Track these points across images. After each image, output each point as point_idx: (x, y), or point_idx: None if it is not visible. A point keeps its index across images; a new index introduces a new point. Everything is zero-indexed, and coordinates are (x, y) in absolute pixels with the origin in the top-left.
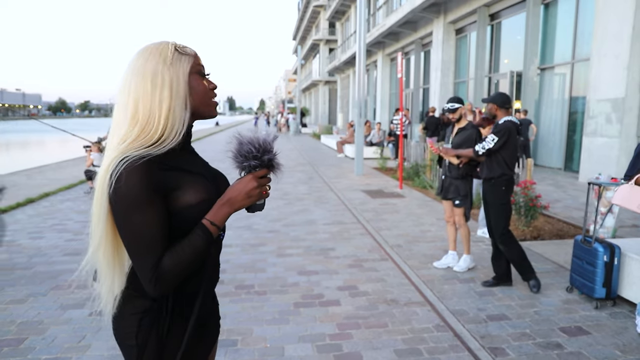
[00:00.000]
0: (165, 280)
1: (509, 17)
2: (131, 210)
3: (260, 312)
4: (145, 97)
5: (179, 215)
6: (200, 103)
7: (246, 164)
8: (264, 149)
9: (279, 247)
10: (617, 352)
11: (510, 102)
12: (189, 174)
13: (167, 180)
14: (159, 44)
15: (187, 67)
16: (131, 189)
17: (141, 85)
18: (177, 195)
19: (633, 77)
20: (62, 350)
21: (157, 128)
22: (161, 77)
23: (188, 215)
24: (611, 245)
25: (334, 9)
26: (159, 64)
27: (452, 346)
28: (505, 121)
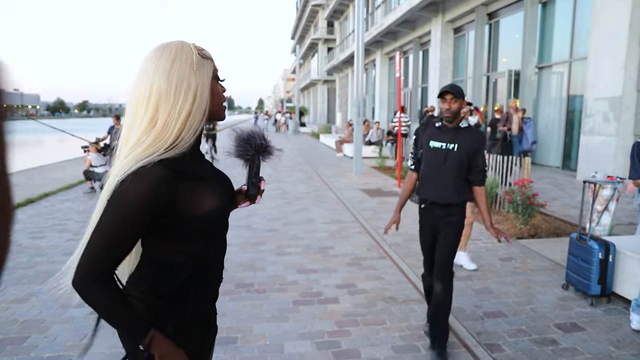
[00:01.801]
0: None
1: (506, 16)
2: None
3: (259, 310)
4: (168, 101)
5: (196, 221)
6: (217, 109)
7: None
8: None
9: (278, 245)
10: (612, 348)
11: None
12: (203, 180)
13: (183, 190)
14: (181, 45)
15: (210, 72)
16: (134, 194)
17: (165, 87)
18: (193, 202)
19: (630, 76)
20: (64, 349)
21: (173, 132)
22: (187, 82)
23: (204, 222)
24: (606, 243)
25: (333, 8)
26: (186, 68)
27: (449, 343)
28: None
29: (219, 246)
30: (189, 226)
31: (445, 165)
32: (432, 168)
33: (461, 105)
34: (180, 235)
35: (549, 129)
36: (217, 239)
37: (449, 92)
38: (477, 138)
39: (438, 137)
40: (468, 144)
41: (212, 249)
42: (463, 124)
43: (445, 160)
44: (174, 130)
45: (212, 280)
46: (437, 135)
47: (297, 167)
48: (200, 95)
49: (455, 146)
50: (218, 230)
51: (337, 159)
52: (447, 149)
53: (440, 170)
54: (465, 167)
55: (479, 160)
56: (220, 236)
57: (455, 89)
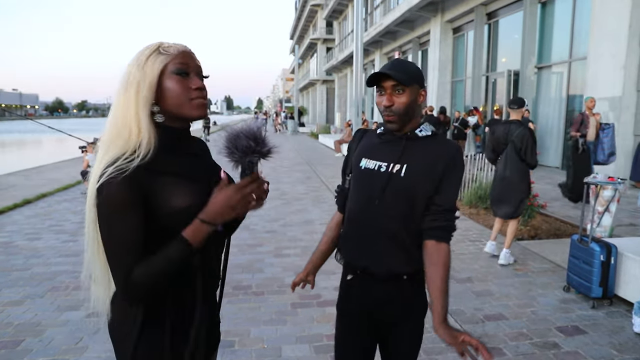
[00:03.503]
0: (136, 289)
1: (506, 16)
2: (110, 217)
3: (257, 312)
4: (118, 101)
5: (168, 218)
6: (177, 104)
7: (247, 159)
8: (261, 140)
9: (276, 247)
10: (614, 352)
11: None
12: (176, 177)
13: (151, 185)
14: (147, 45)
15: (159, 67)
16: (111, 198)
17: (117, 88)
18: (164, 199)
19: (630, 76)
20: (59, 352)
21: (131, 132)
22: (130, 78)
23: (178, 219)
24: (608, 245)
25: (332, 8)
26: (132, 65)
27: (449, 346)
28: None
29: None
30: (158, 224)
31: (381, 201)
32: (361, 206)
33: (416, 97)
34: (150, 234)
35: (549, 129)
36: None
37: (387, 75)
38: (446, 154)
39: (375, 152)
40: (427, 164)
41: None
42: (423, 130)
43: (382, 193)
44: (132, 130)
45: (194, 286)
46: (374, 149)
47: (296, 167)
48: (142, 90)
49: (401, 168)
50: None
51: (336, 159)
52: (388, 173)
53: (372, 210)
54: (421, 205)
55: (446, 193)
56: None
57: (400, 68)
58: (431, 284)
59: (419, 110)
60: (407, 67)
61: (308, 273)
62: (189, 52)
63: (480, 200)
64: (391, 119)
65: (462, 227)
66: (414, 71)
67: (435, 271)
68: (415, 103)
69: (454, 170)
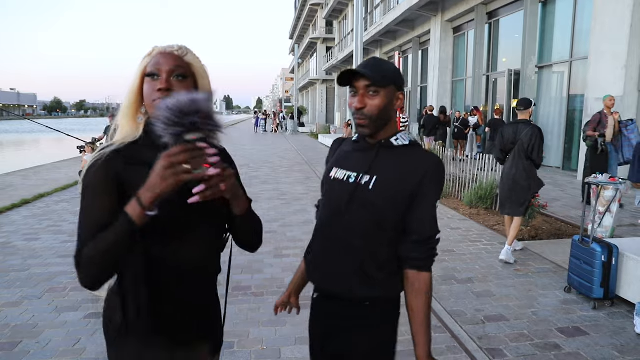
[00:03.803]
0: (84, 264)
1: (506, 15)
2: (83, 194)
3: (257, 313)
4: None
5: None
6: (147, 105)
7: (171, 132)
8: (187, 111)
9: (276, 247)
10: (616, 353)
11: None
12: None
13: (129, 174)
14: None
15: (141, 69)
16: (89, 176)
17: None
18: (135, 187)
19: (631, 76)
20: (56, 354)
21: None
22: (131, 80)
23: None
24: (609, 245)
25: (331, 8)
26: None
27: (449, 347)
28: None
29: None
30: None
31: (346, 216)
32: (326, 219)
33: (392, 100)
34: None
35: (549, 129)
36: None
37: (361, 74)
38: (424, 167)
39: (346, 161)
40: (400, 177)
41: (158, 249)
42: (399, 139)
43: (347, 206)
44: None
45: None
46: (346, 157)
47: (296, 167)
48: (131, 89)
49: (370, 179)
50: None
51: None
52: (356, 184)
53: (337, 224)
54: (390, 224)
55: (422, 215)
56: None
57: (376, 68)
58: (414, 315)
59: (394, 115)
60: (384, 67)
61: (290, 294)
62: (166, 53)
63: (480, 200)
64: (363, 123)
65: (463, 228)
66: (391, 71)
67: (418, 301)
68: (390, 107)
69: (432, 187)
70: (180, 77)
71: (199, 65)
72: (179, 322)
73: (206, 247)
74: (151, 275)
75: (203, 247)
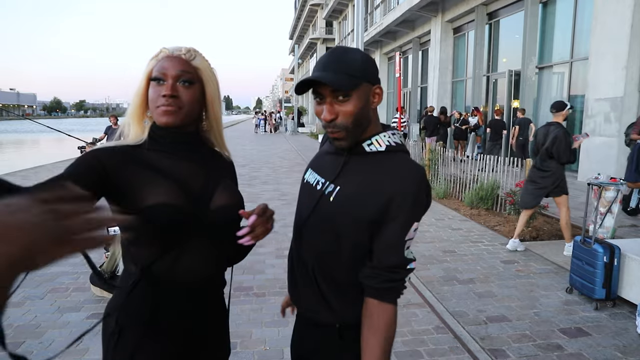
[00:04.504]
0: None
1: (507, 15)
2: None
3: (259, 314)
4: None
5: (144, 214)
6: (151, 111)
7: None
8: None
9: (277, 248)
10: (618, 354)
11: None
12: (156, 174)
13: (125, 172)
14: None
15: (147, 72)
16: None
17: None
18: (134, 189)
19: (632, 77)
20: (59, 355)
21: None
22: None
23: (150, 217)
24: (611, 246)
25: (331, 8)
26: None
27: (452, 348)
28: None
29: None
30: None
31: (307, 224)
32: (295, 228)
33: (368, 100)
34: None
35: None
36: (174, 248)
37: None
38: (400, 182)
39: (320, 162)
40: (367, 191)
41: (168, 260)
42: (374, 143)
43: (310, 215)
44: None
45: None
46: (321, 158)
47: (296, 167)
48: (137, 93)
49: (334, 189)
50: (169, 234)
51: None
52: (321, 192)
53: (299, 235)
54: (348, 245)
55: (385, 238)
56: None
57: (339, 66)
58: (364, 355)
59: (374, 115)
60: (348, 62)
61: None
62: (173, 56)
63: (481, 201)
64: (338, 136)
65: (464, 228)
66: (359, 65)
67: (373, 340)
68: (367, 108)
69: (405, 210)
70: (186, 83)
71: (207, 70)
72: (177, 335)
73: (206, 261)
74: (148, 288)
75: (202, 262)
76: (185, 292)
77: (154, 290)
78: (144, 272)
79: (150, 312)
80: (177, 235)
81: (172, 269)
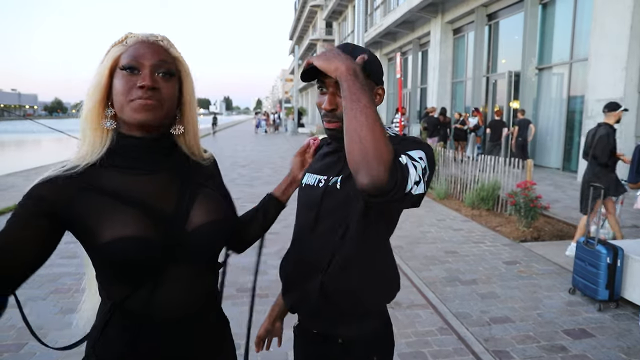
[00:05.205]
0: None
1: (506, 17)
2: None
3: (262, 315)
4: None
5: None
6: (119, 106)
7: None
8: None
9: (279, 248)
10: (622, 355)
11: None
12: (115, 199)
13: (80, 205)
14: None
15: (110, 61)
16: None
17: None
18: (92, 226)
19: (631, 78)
20: (62, 356)
21: (83, 135)
22: (95, 73)
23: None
24: (614, 247)
25: (331, 9)
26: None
27: (456, 349)
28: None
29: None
30: (95, 256)
31: (317, 226)
32: (297, 232)
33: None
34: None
35: (549, 130)
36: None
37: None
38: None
39: (318, 163)
40: None
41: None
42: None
43: (317, 214)
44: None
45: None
46: (318, 160)
47: None
48: (95, 86)
49: (339, 178)
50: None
51: None
52: (325, 185)
53: (306, 238)
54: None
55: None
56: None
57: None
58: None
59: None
60: (356, 57)
61: (275, 319)
62: (149, 42)
63: (482, 201)
64: (334, 127)
65: (465, 229)
66: (367, 63)
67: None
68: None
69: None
70: (167, 75)
71: (184, 62)
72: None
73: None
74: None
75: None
76: (168, 327)
77: (130, 326)
78: (116, 309)
79: (128, 349)
80: (148, 269)
81: (148, 304)
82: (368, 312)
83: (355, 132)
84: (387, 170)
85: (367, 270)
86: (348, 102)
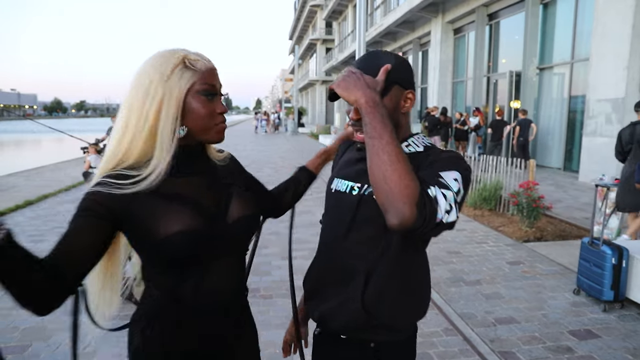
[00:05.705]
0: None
1: (507, 16)
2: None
3: (267, 316)
4: (132, 109)
5: (161, 246)
6: (201, 128)
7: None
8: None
9: (282, 249)
10: (629, 356)
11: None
12: (170, 201)
13: (139, 206)
14: (170, 52)
15: (187, 84)
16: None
17: (134, 93)
18: (150, 225)
19: (633, 77)
20: (67, 357)
21: (140, 145)
22: (152, 90)
23: (168, 248)
24: (619, 248)
25: (331, 9)
26: (153, 74)
27: (462, 350)
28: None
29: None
30: (152, 251)
31: (350, 234)
32: (327, 239)
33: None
34: (150, 261)
35: (551, 130)
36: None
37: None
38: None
39: (349, 170)
40: None
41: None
42: (412, 145)
43: (352, 221)
44: (143, 143)
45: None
46: (349, 166)
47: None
48: (167, 107)
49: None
50: (190, 261)
51: None
52: (359, 194)
53: (339, 245)
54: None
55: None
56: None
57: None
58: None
59: (404, 119)
60: (382, 65)
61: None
62: (215, 70)
63: (484, 201)
64: (363, 140)
65: (468, 229)
66: (392, 68)
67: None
68: (397, 111)
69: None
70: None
71: None
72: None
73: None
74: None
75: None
76: (208, 310)
77: (177, 310)
78: (166, 297)
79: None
80: (196, 259)
81: (196, 292)
82: (404, 326)
83: (379, 170)
84: (414, 208)
85: (403, 286)
86: (369, 139)
